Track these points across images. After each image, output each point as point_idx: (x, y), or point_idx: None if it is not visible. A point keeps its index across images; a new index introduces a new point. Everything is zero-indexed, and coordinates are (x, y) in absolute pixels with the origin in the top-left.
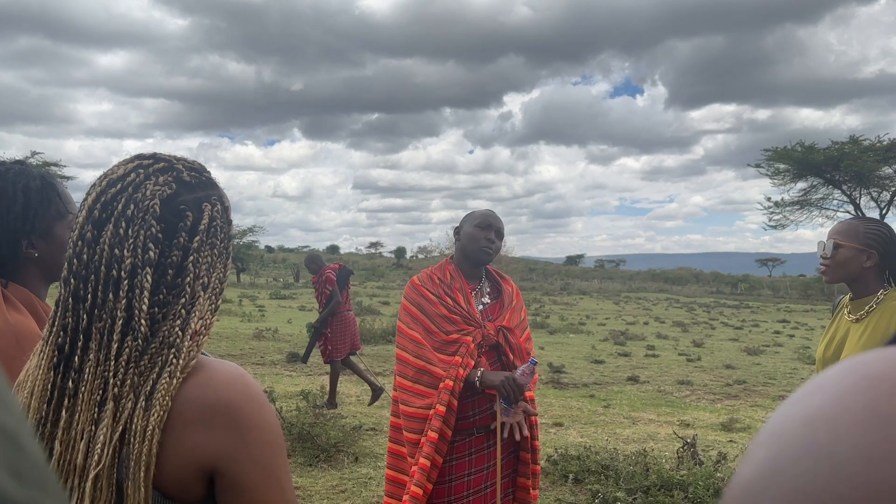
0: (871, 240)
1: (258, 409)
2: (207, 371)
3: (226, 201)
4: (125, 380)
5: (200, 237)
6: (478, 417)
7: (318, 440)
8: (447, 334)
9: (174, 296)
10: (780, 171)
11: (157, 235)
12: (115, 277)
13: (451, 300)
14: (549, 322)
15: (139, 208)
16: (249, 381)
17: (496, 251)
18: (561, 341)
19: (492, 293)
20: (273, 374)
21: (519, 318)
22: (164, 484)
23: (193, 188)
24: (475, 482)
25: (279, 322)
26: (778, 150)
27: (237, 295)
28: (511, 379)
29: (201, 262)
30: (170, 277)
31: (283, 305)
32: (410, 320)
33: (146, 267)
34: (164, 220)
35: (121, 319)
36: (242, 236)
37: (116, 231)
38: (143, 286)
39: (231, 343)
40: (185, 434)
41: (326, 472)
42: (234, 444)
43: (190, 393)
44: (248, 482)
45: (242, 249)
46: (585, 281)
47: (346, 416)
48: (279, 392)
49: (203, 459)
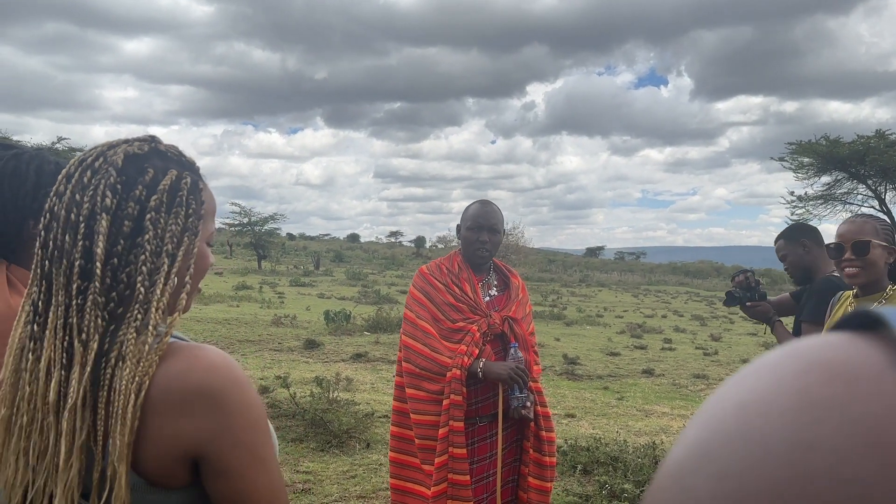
0: (889, 235)
1: (240, 391)
2: (187, 356)
3: (200, 183)
4: (90, 323)
5: (159, 196)
6: (480, 406)
7: (330, 426)
8: (453, 322)
9: (135, 252)
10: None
11: (115, 184)
12: (72, 221)
13: (459, 289)
14: (566, 314)
15: (106, 161)
16: (231, 364)
17: (493, 247)
18: (577, 333)
19: (499, 285)
20: (290, 360)
21: (524, 312)
22: (148, 471)
23: (166, 158)
24: (478, 471)
25: (298, 309)
26: (802, 144)
27: (258, 281)
28: (516, 367)
29: (163, 226)
30: (126, 229)
31: (303, 293)
32: (418, 307)
33: (102, 212)
34: (125, 173)
35: (78, 262)
36: (264, 223)
37: (81, 179)
38: (99, 231)
39: (250, 329)
40: (167, 421)
41: (338, 457)
42: (217, 429)
43: (170, 379)
44: (233, 466)
45: (264, 236)
46: (605, 273)
47: (360, 402)
48: (295, 378)
49: (187, 445)
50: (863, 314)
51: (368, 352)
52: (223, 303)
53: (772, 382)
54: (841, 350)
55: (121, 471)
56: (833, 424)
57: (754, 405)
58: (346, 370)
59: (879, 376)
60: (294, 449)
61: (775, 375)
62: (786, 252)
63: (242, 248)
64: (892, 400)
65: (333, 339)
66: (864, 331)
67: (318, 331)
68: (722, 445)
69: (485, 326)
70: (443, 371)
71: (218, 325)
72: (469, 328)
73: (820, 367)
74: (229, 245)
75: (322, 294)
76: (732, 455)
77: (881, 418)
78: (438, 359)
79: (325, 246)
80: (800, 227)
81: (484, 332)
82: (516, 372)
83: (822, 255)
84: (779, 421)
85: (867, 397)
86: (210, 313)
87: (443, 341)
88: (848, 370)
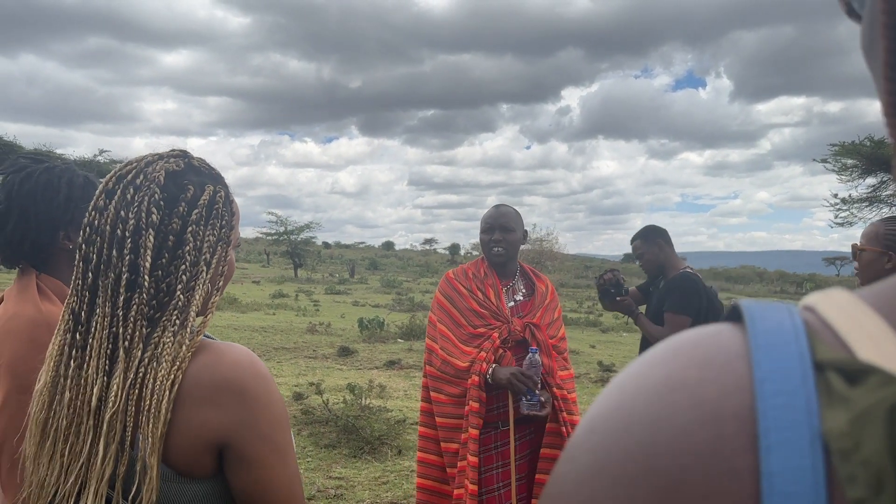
0: (890, 241)
1: (264, 387)
2: (215, 352)
3: (230, 195)
4: (134, 332)
5: (199, 211)
6: (502, 411)
7: (362, 433)
8: (475, 328)
9: (175, 263)
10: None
11: (159, 201)
12: (118, 237)
13: (482, 294)
14: (602, 320)
15: (147, 178)
16: (255, 360)
17: (509, 245)
18: (613, 340)
19: (525, 290)
20: (324, 367)
21: (552, 317)
22: (175, 460)
23: (200, 173)
24: (487, 481)
25: (332, 317)
26: (845, 145)
27: (294, 290)
28: (519, 372)
29: (202, 237)
30: (171, 243)
31: (338, 300)
32: (440, 311)
33: (149, 228)
34: (167, 190)
35: (125, 275)
36: (300, 232)
37: (124, 196)
38: (147, 245)
39: (285, 336)
40: (195, 412)
41: (370, 463)
42: (241, 420)
43: (199, 373)
44: (254, 456)
45: (300, 245)
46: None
47: (392, 409)
48: (328, 385)
49: (212, 435)
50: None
51: (402, 359)
52: (260, 311)
53: (647, 368)
54: (708, 339)
55: (152, 462)
56: (682, 405)
57: (629, 388)
58: (380, 377)
59: (730, 361)
60: (327, 455)
61: (652, 362)
62: (643, 251)
63: (279, 257)
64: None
65: (367, 346)
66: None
67: (352, 338)
68: (600, 423)
69: (505, 332)
70: (459, 374)
71: (255, 332)
72: (490, 334)
73: (685, 354)
74: (266, 254)
75: (356, 302)
76: (606, 430)
77: (719, 399)
78: (453, 362)
79: (360, 254)
80: (654, 228)
81: (505, 339)
82: (516, 376)
83: (673, 253)
84: (643, 401)
85: (714, 379)
86: (247, 321)
87: (461, 346)
88: (705, 356)
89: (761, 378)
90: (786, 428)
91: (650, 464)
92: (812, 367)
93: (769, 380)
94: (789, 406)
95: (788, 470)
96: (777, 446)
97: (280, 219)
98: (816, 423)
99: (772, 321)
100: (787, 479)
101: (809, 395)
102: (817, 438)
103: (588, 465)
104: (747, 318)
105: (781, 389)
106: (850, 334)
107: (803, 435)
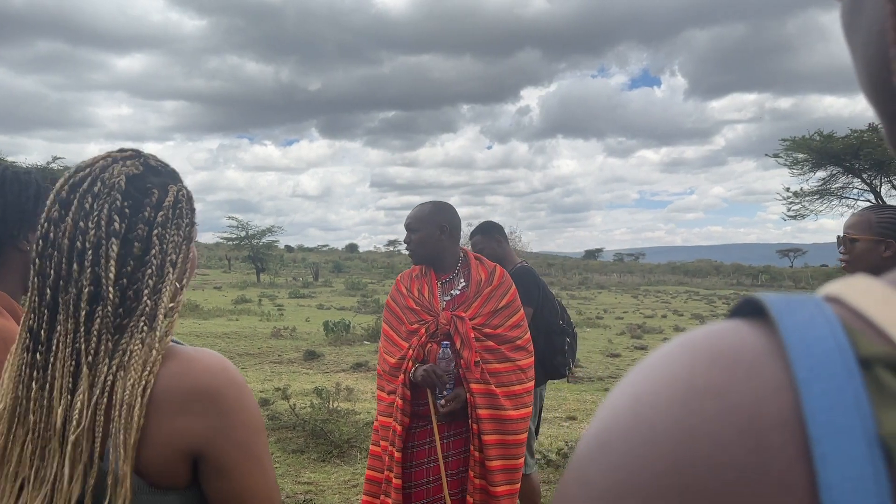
0: (885, 229)
1: (237, 392)
2: (185, 358)
3: (189, 193)
4: (98, 348)
5: (165, 213)
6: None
7: (331, 436)
8: (411, 324)
9: (142, 270)
10: (799, 160)
11: (122, 209)
12: (78, 249)
13: (418, 292)
14: None
15: (105, 185)
16: (228, 365)
17: (417, 245)
18: (577, 335)
19: (466, 283)
20: (290, 371)
21: (494, 306)
22: (148, 471)
23: (160, 173)
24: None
25: (297, 321)
26: (796, 140)
27: (257, 294)
28: (430, 370)
29: (168, 239)
30: (136, 250)
31: (302, 304)
32: (388, 313)
33: (111, 238)
34: (130, 196)
35: (87, 289)
36: (262, 236)
37: (81, 206)
38: (109, 255)
39: (249, 342)
40: (167, 421)
41: (339, 467)
42: (215, 428)
43: (169, 380)
44: (230, 464)
45: (262, 249)
46: (604, 275)
47: (360, 412)
48: (295, 389)
49: (186, 444)
50: (751, 301)
51: (368, 361)
52: (223, 317)
53: (662, 373)
54: (726, 338)
55: (125, 471)
56: (712, 412)
57: (646, 396)
58: (347, 380)
59: (757, 363)
60: (295, 460)
61: (665, 366)
62: (483, 246)
63: (241, 262)
64: (767, 386)
65: (333, 349)
66: (751, 317)
67: (318, 342)
68: (616, 438)
69: (433, 327)
70: (392, 372)
71: (217, 339)
72: (419, 329)
73: (704, 356)
74: (228, 259)
75: (321, 305)
76: (625, 447)
77: (754, 404)
78: (387, 359)
79: (324, 257)
80: (492, 224)
81: (433, 333)
82: (428, 373)
83: (509, 248)
84: (665, 411)
85: (744, 384)
86: (210, 327)
87: (400, 342)
88: (729, 358)
89: (806, 378)
90: (839, 433)
91: (685, 483)
92: (857, 364)
93: (816, 380)
94: (840, 408)
95: (848, 480)
96: (833, 454)
97: (241, 223)
98: (871, 426)
99: (801, 315)
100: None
101: (859, 395)
102: (874, 442)
103: (607, 488)
104: (774, 312)
105: (829, 389)
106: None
107: (859, 440)
